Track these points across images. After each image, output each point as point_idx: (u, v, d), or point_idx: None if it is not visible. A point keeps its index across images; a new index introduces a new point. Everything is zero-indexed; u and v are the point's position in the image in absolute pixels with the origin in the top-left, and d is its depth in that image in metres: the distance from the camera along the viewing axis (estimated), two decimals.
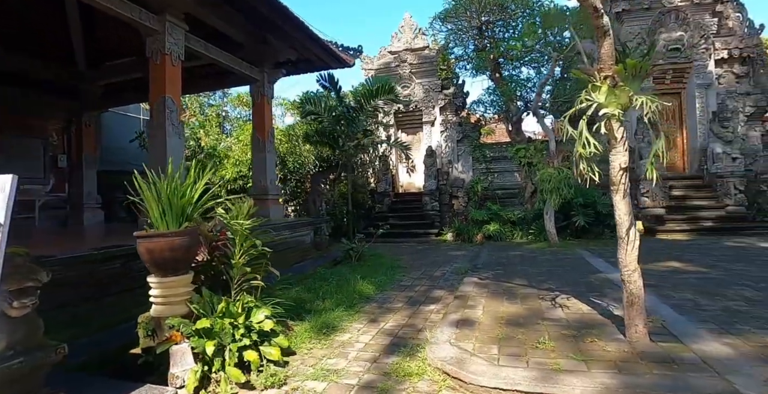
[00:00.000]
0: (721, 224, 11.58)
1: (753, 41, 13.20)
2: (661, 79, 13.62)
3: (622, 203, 3.72)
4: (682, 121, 13.86)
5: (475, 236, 12.27)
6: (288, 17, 8.08)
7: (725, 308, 4.61)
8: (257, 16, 7.96)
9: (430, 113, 15.02)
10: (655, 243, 10.28)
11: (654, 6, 13.16)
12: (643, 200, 12.26)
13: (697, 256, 8.16)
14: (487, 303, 5.24)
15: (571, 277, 6.60)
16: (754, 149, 13.52)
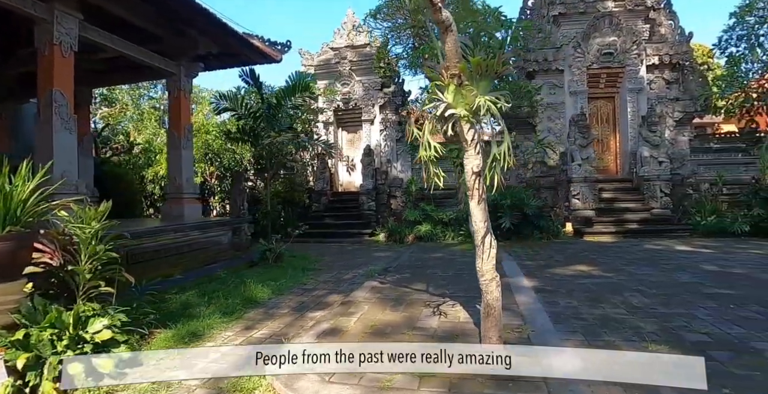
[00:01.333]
0: (645, 227, 11.79)
1: (683, 48, 13.51)
2: (596, 83, 13.80)
3: (477, 209, 3.52)
4: (615, 124, 14.08)
5: (406, 236, 12.11)
6: (195, 9, 7.68)
7: (603, 317, 4.50)
8: (163, 6, 7.54)
9: (370, 112, 14.77)
10: (579, 245, 10.34)
11: (589, 10, 13.31)
12: (573, 202, 12.36)
13: (610, 259, 8.18)
14: (369, 310, 5.02)
15: (473, 281, 6.42)
16: (682, 154, 13.87)
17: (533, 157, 13.92)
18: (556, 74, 13.87)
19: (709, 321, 4.29)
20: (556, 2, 13.34)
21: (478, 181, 3.49)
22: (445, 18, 3.07)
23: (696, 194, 13.19)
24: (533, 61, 13.79)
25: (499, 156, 3.21)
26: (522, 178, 14.04)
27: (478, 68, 3.13)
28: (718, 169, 13.65)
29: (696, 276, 6.45)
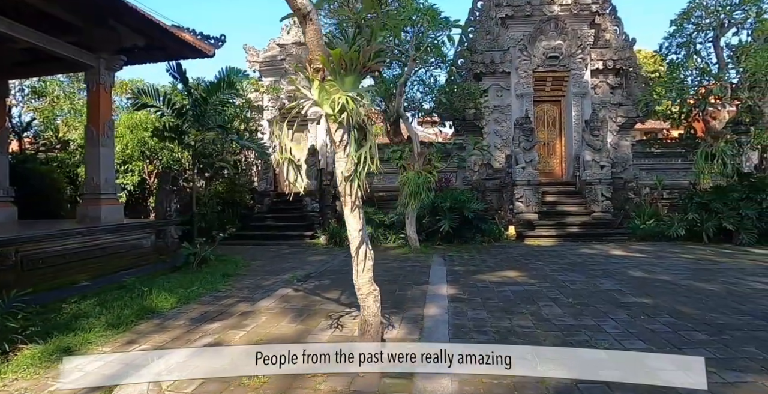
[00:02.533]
0: (586, 230, 11.83)
1: (626, 54, 13.68)
2: (542, 86, 13.81)
3: (350, 217, 3.24)
4: (561, 128, 14.12)
5: (347, 239, 11.74)
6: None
7: (507, 330, 4.28)
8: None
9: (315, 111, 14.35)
10: (517, 249, 10.24)
11: (535, 14, 13.29)
12: (517, 205, 12.29)
13: (542, 264, 8.06)
14: (265, 322, 4.72)
15: (391, 289, 6.18)
16: (625, 158, 14.06)
17: (479, 160, 13.83)
18: (503, 77, 13.82)
19: (613, 335, 4.12)
20: (503, 4, 13.26)
21: (351, 186, 3.18)
22: (301, 5, 2.75)
23: (637, 198, 13.39)
24: (480, 63, 13.69)
25: (361, 159, 2.89)
26: (468, 180, 13.96)
27: (341, 62, 2.82)
28: (658, 174, 13.90)
29: (619, 283, 6.36)
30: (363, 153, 2.97)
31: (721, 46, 12.13)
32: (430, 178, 9.13)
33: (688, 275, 7.00)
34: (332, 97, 2.84)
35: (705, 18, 11.72)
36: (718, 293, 5.74)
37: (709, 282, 6.40)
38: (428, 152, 9.78)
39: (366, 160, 2.99)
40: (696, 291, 5.87)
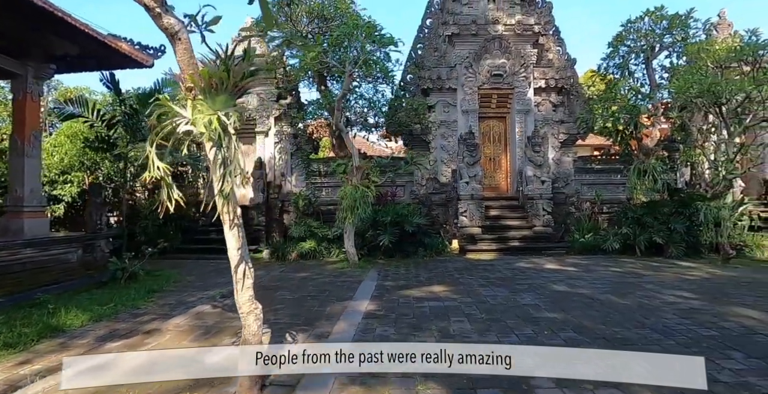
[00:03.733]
0: (526, 244, 12.06)
1: (567, 73, 14.17)
2: (488, 103, 14.13)
3: (229, 235, 3.19)
4: (506, 144, 14.45)
5: (289, 254, 11.65)
6: (38, 7, 6.97)
7: None
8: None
9: (264, 123, 14.24)
10: (456, 263, 10.34)
11: (480, 33, 13.63)
12: (461, 219, 12.45)
13: (472, 279, 8.16)
14: (168, 340, 4.76)
15: (312, 305, 6.14)
16: (567, 173, 14.48)
17: (426, 174, 13.99)
18: (450, 93, 14.08)
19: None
20: (449, 23, 13.56)
21: (228, 205, 3.15)
22: (168, 24, 2.73)
23: (578, 213, 13.79)
24: (428, 79, 13.92)
25: (225, 177, 2.87)
26: (416, 194, 14.07)
27: (211, 82, 2.80)
28: (598, 189, 14.36)
29: (539, 298, 6.49)
30: (227, 171, 2.93)
31: (653, 67, 12.76)
32: (368, 193, 9.15)
33: (609, 288, 7.21)
34: (200, 116, 2.80)
35: (638, 41, 12.29)
36: (630, 307, 5.93)
37: (626, 296, 6.61)
38: (367, 166, 9.82)
39: (228, 177, 2.95)
40: (609, 305, 6.04)
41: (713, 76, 9.54)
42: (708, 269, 9.34)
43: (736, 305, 5.99)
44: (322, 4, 11.38)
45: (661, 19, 11.67)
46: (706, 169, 10.93)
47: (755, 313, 5.56)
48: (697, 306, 5.94)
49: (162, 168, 2.91)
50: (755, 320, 5.21)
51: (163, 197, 3.03)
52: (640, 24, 12.06)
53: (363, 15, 10.98)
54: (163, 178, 2.98)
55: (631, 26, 12.16)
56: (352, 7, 11.57)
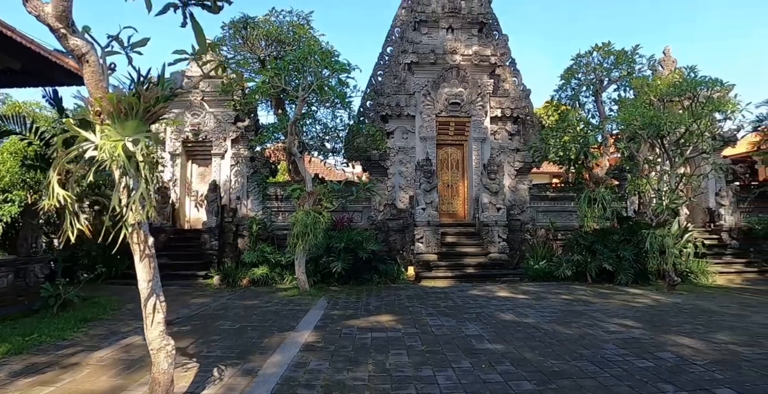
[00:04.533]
0: (481, 271, 12.07)
1: (522, 103, 14.57)
2: (446, 131, 14.33)
3: (140, 266, 3.01)
4: (464, 171, 14.62)
5: (241, 280, 11.30)
6: None
7: (338, 383, 4.10)
8: None
9: (221, 145, 14.00)
10: (409, 291, 10.22)
11: (439, 62, 13.92)
12: (417, 246, 12.40)
13: (422, 307, 8.05)
14: (86, 376, 4.45)
15: (251, 336, 5.89)
16: (523, 201, 14.71)
17: (384, 200, 13.96)
18: (409, 119, 14.23)
19: (443, 387, 4.06)
20: (409, 51, 13.80)
21: (139, 234, 2.97)
22: (74, 46, 2.60)
23: (533, 239, 13.97)
24: (387, 106, 14.04)
25: (132, 205, 2.71)
26: (373, 220, 13.99)
27: (120, 106, 2.67)
28: (553, 216, 14.64)
29: (485, 328, 6.43)
30: (133, 199, 2.78)
31: (603, 100, 13.26)
32: (320, 219, 9.01)
33: (556, 317, 7.22)
34: (107, 142, 2.66)
35: (588, 74, 12.79)
36: (572, 337, 5.92)
37: (570, 325, 6.62)
38: (320, 192, 9.70)
39: (136, 206, 2.79)
40: (552, 335, 6.02)
41: (655, 110, 9.97)
42: (654, 296, 9.53)
43: (674, 334, 6.08)
44: (280, 29, 11.41)
45: (608, 54, 12.20)
46: (652, 199, 11.28)
47: (691, 341, 5.64)
48: (637, 335, 5.99)
49: (64, 195, 2.72)
50: (691, 350, 5.27)
51: (66, 226, 2.83)
52: (590, 58, 12.57)
53: (321, 40, 11.03)
54: (66, 207, 2.79)
55: (581, 60, 12.65)
56: (311, 32, 11.64)
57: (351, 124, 13.39)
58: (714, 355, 5.07)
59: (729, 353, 5.13)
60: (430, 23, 14.32)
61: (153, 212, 2.83)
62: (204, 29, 3.47)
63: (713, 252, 14.04)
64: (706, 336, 5.93)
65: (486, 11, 14.69)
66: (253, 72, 11.54)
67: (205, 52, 3.77)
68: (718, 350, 5.26)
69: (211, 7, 3.61)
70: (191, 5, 3.61)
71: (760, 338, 5.87)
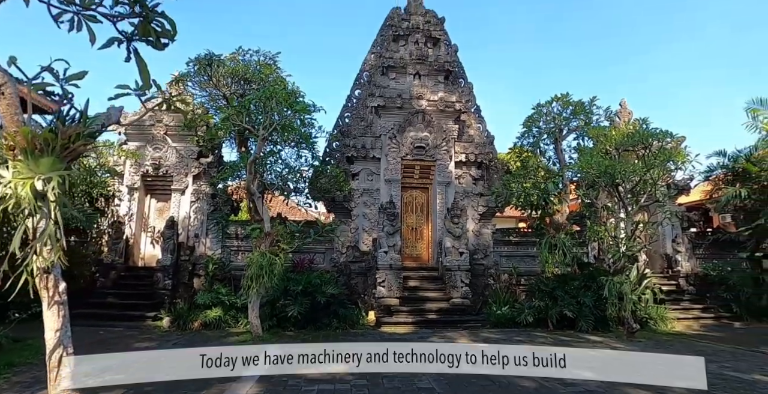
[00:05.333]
0: (443, 317, 11.85)
1: (486, 149, 14.88)
2: (411, 174, 14.43)
3: (48, 314, 2.77)
4: (428, 214, 14.63)
5: (193, 322, 10.76)
6: None
7: None
8: None
9: (182, 181, 13.69)
10: (368, 337, 9.91)
11: (405, 106, 14.20)
12: (379, 290, 12.15)
13: None
14: None
15: (188, 388, 5.49)
16: (486, 245, 14.73)
17: (347, 241, 13.77)
18: (374, 162, 14.30)
19: None
20: (376, 95, 14.07)
21: (49, 279, 2.74)
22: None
23: (496, 284, 13.89)
24: (352, 147, 14.12)
25: (33, 248, 2.50)
26: (335, 262, 13.72)
27: (34, 142, 2.51)
28: (517, 261, 14.68)
29: (438, 380, 6.20)
30: (38, 240, 2.57)
31: (563, 148, 13.64)
32: (276, 261, 8.73)
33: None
34: (15, 179, 2.47)
35: (548, 123, 13.21)
36: (528, 390, 5.75)
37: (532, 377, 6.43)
38: (277, 233, 9.47)
39: (42, 249, 2.58)
40: (507, 388, 5.84)
41: (610, 159, 10.30)
42: (613, 344, 9.48)
43: (631, 387, 5.96)
44: (246, 67, 11.48)
45: (567, 104, 12.67)
46: (610, 245, 11.45)
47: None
48: (593, 388, 5.86)
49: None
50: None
51: None
52: (550, 108, 13.02)
53: (288, 81, 11.10)
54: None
55: (542, 109, 13.09)
56: (278, 72, 11.76)
57: (316, 164, 13.34)
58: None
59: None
60: (398, 69, 14.71)
61: (61, 256, 2.61)
62: (170, 64, 3.37)
63: (671, 298, 14.24)
64: (662, 390, 5.84)
65: (452, 60, 15.22)
66: (217, 109, 11.48)
67: (149, 87, 3.68)
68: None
69: (155, 44, 3.54)
70: (135, 41, 3.55)
71: (715, 389, 5.82)
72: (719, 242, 16.25)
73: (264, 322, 10.20)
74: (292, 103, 8.97)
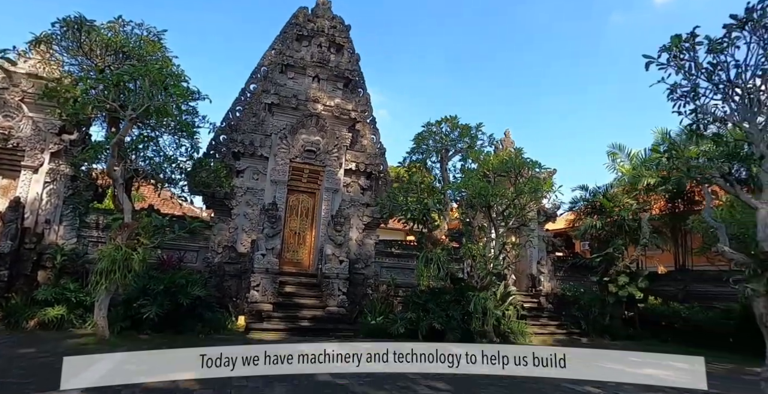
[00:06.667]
0: (316, 325, 11.63)
1: (376, 160, 15.07)
2: (299, 177, 14.14)
3: None
4: (314, 220, 14.39)
5: (28, 320, 9.44)
6: None
7: None
8: None
9: (36, 157, 11.96)
10: (233, 344, 9.35)
11: (300, 107, 13.93)
12: (253, 294, 11.63)
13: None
14: None
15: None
16: (368, 255, 14.83)
17: (224, 241, 13.07)
18: (262, 160, 13.79)
19: None
20: (271, 92, 13.62)
21: None
22: None
23: (375, 294, 14.01)
24: (240, 143, 13.48)
25: None
26: (209, 262, 12.94)
27: None
28: (397, 272, 14.97)
29: (292, 389, 6.10)
30: None
31: (448, 167, 14.24)
32: (133, 256, 7.94)
33: (373, 379, 7.03)
34: None
35: (437, 142, 13.73)
36: None
37: (382, 387, 6.51)
38: (136, 225, 8.65)
39: None
40: None
41: (487, 183, 10.95)
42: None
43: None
44: (126, 39, 10.36)
45: (455, 126, 13.30)
46: (478, 263, 12.09)
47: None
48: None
49: None
50: None
51: None
52: (439, 127, 13.56)
53: (174, 63, 10.26)
54: None
55: (431, 128, 13.59)
56: (163, 51, 10.77)
57: (198, 156, 12.52)
58: None
59: None
60: (298, 69, 14.42)
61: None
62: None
63: (532, 314, 15.41)
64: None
65: (353, 68, 15.28)
66: (81, 81, 10.10)
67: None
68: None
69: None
70: None
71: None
72: (577, 266, 17.99)
73: (116, 323, 9.24)
74: (168, 86, 8.27)
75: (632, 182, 16.94)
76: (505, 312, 12.69)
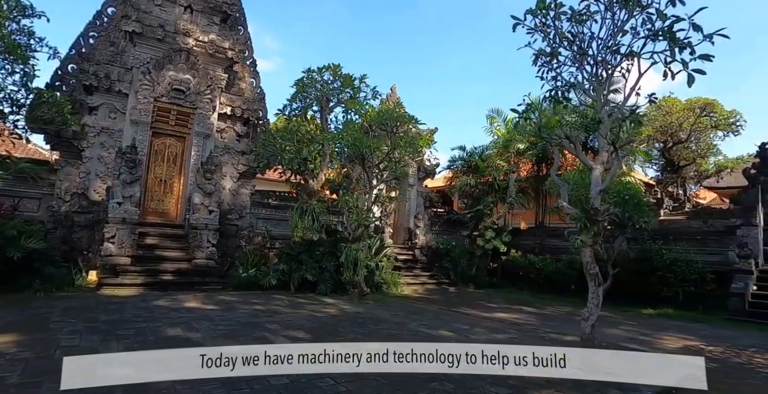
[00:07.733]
0: (180, 278, 10.99)
1: (255, 106, 14.17)
2: (166, 119, 12.82)
3: None
4: (182, 167, 13.27)
5: None
6: None
7: None
8: None
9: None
10: (75, 301, 8.47)
11: (168, 40, 12.45)
12: (107, 247, 10.57)
13: (73, 322, 6.62)
14: None
15: None
16: (243, 206, 14.19)
17: (72, 188, 11.60)
18: (120, 97, 12.22)
19: None
20: (132, 18, 11.89)
21: None
22: None
23: (249, 246, 13.53)
24: (93, 75, 11.76)
25: None
26: (54, 211, 11.45)
27: None
28: (274, 224, 14.54)
29: (132, 347, 5.49)
30: None
31: (330, 118, 13.82)
32: None
33: (227, 331, 6.73)
34: None
35: (318, 90, 13.16)
36: None
37: (237, 339, 6.18)
38: None
39: None
40: None
41: (361, 134, 10.78)
42: (343, 306, 10.02)
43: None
44: None
45: (338, 76, 12.80)
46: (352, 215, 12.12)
47: None
48: None
49: None
50: None
51: None
52: (321, 75, 12.97)
53: None
54: None
55: (313, 74, 12.96)
56: None
57: (38, 88, 10.71)
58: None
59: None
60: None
61: None
62: None
63: (407, 266, 16.13)
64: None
65: (233, 2, 13.91)
66: None
67: None
68: None
69: None
70: None
71: (401, 340, 6.46)
72: (452, 221, 19.01)
73: None
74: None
75: (505, 146, 18.05)
76: (378, 263, 13.00)
